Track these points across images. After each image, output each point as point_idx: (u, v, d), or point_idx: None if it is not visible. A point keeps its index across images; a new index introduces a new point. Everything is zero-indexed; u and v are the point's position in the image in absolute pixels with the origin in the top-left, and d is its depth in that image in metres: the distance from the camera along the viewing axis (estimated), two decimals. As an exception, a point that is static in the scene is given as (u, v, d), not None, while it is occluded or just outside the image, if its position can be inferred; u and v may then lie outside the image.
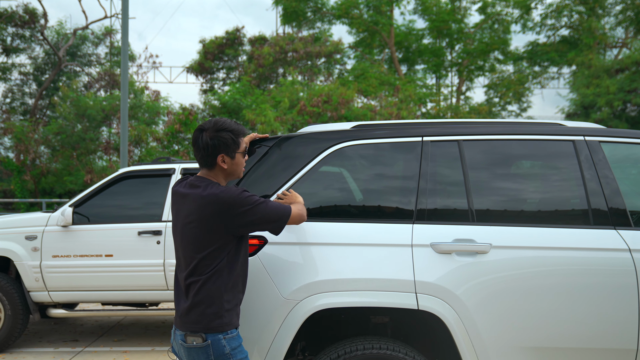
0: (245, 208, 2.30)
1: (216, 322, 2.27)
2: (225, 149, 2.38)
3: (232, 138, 2.39)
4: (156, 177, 5.50)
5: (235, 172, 2.46)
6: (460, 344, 2.64)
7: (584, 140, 2.93)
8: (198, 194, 2.33)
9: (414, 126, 3.00)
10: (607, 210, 2.79)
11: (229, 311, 2.31)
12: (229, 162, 2.41)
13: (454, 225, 2.75)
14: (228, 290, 2.32)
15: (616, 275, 2.68)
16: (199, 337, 2.26)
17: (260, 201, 2.35)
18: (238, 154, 2.42)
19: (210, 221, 2.29)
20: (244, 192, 2.33)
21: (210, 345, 2.26)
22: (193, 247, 2.32)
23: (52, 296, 5.23)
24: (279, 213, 2.40)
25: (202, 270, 2.30)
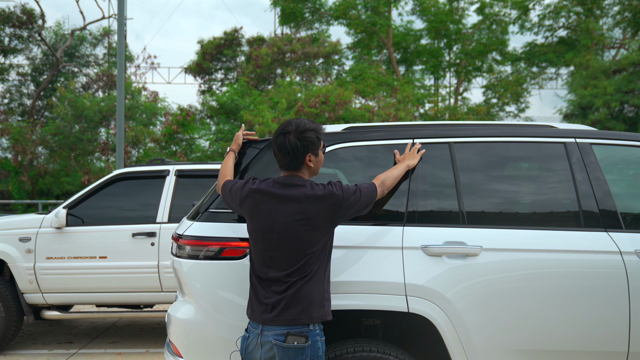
0: (351, 200, 2.41)
1: (320, 311, 2.35)
2: (312, 148, 2.45)
3: (317, 137, 2.46)
4: (150, 178, 5.49)
5: (318, 169, 2.54)
6: (451, 347, 2.63)
7: (575, 142, 2.92)
8: (304, 192, 2.37)
9: (405, 128, 3.00)
10: (598, 213, 2.78)
11: (328, 301, 2.42)
12: (314, 160, 2.48)
13: (445, 227, 2.75)
14: (327, 282, 2.43)
15: (607, 277, 2.67)
16: (303, 337, 2.31)
17: (357, 189, 2.46)
18: (320, 151, 2.51)
19: (322, 218, 2.36)
20: (343, 185, 2.44)
21: (309, 347, 2.31)
22: (300, 245, 2.35)
23: (46, 298, 5.22)
24: (372, 196, 2.52)
25: (309, 267, 2.36)
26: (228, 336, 2.66)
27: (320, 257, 2.39)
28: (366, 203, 2.49)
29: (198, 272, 2.74)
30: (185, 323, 2.78)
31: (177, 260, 2.85)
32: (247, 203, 2.46)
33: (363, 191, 2.48)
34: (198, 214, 2.88)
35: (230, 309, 2.67)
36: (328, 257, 2.44)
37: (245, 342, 2.41)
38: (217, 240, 2.72)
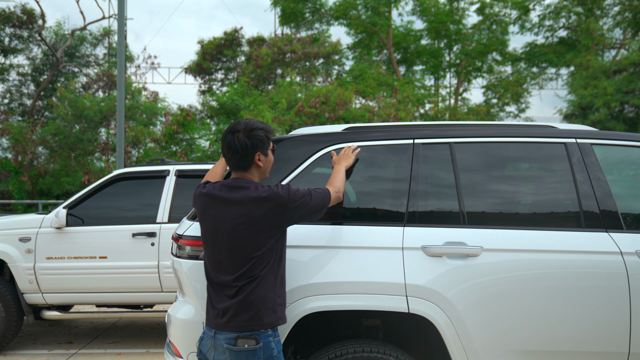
0: (298, 202, 2.38)
1: (271, 316, 2.33)
2: (261, 147, 2.43)
3: (266, 136, 2.45)
4: (150, 178, 5.48)
5: (268, 170, 2.53)
6: (451, 347, 2.63)
7: (576, 142, 2.92)
8: (247, 195, 2.34)
9: (405, 128, 3.00)
10: (599, 213, 2.78)
11: (281, 306, 2.40)
12: (264, 160, 2.46)
13: (445, 228, 2.74)
14: (278, 286, 2.40)
15: (608, 278, 2.67)
16: (253, 340, 2.30)
17: (307, 193, 2.43)
18: (270, 151, 2.50)
19: (266, 221, 2.33)
20: (291, 187, 2.41)
21: (261, 348, 2.30)
22: (245, 248, 2.34)
23: (46, 298, 5.21)
24: (322, 202, 2.48)
25: (256, 271, 2.33)
26: (228, 336, 2.65)
27: (268, 260, 2.35)
28: (317, 207, 2.45)
29: (198, 272, 2.73)
30: (185, 323, 2.77)
31: (177, 260, 2.85)
32: (197, 207, 2.50)
33: (314, 195, 2.44)
34: None
35: (230, 309, 2.67)
36: (279, 260, 2.40)
37: (200, 343, 2.43)
38: (217, 240, 2.71)
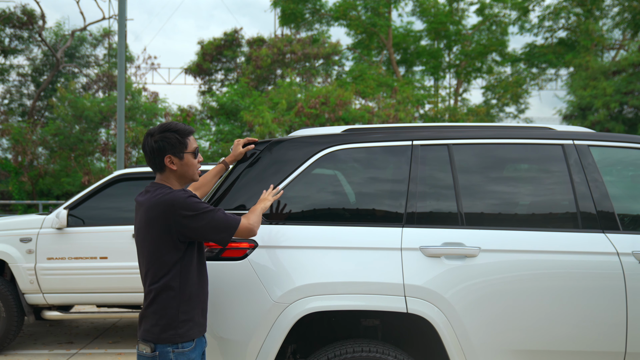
0: (191, 213, 2.25)
1: (169, 333, 2.25)
2: (171, 149, 2.35)
3: (177, 138, 2.36)
4: (151, 179, 5.50)
5: (187, 174, 2.41)
6: (449, 347, 2.65)
7: (573, 144, 2.95)
8: (147, 198, 2.32)
9: (403, 130, 3.02)
10: (596, 214, 2.81)
11: (185, 322, 2.28)
12: (178, 163, 2.37)
13: (444, 228, 2.77)
14: (184, 302, 2.28)
15: (604, 278, 2.70)
16: (148, 347, 2.25)
17: (208, 209, 2.29)
18: (187, 154, 2.38)
19: (157, 225, 2.25)
20: (191, 197, 2.28)
21: (157, 357, 2.24)
22: (146, 254, 2.30)
23: (46, 298, 5.24)
24: (226, 224, 2.32)
25: (154, 279, 2.27)
26: (227, 336, 2.68)
27: (169, 271, 2.26)
28: (218, 227, 2.30)
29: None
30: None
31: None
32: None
33: (220, 215, 2.31)
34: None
35: (230, 309, 2.69)
36: (186, 275, 2.29)
37: None
38: (217, 241, 2.74)
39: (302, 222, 2.81)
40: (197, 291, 2.34)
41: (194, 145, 2.42)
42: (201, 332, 2.37)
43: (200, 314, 2.36)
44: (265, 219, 2.80)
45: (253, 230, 2.44)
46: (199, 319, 2.36)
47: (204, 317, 2.40)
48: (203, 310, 2.39)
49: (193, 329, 2.31)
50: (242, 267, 2.69)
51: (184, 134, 2.38)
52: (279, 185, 2.84)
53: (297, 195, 2.86)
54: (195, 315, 2.33)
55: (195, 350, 2.31)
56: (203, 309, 2.39)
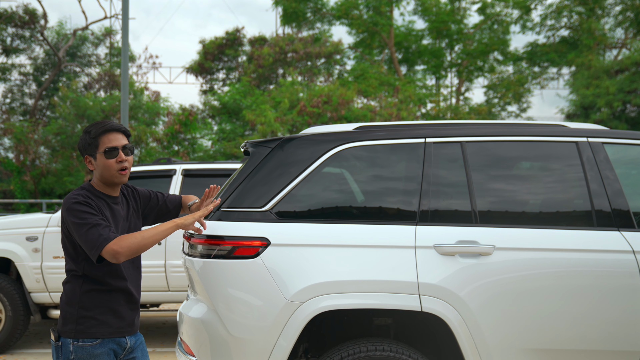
0: (72, 220, 2.22)
1: (68, 326, 2.27)
2: (85, 150, 2.34)
3: (88, 139, 2.31)
4: (157, 178, 5.49)
5: (104, 175, 2.32)
6: (464, 346, 2.63)
7: (587, 141, 2.93)
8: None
9: (416, 127, 3.00)
10: (611, 212, 2.79)
11: (86, 319, 2.26)
12: (95, 164, 2.33)
13: (457, 226, 2.75)
14: (87, 298, 2.28)
15: (619, 276, 2.68)
16: (53, 336, 2.29)
17: (84, 222, 2.19)
18: (99, 155, 2.30)
19: (63, 224, 2.31)
20: (76, 204, 2.22)
21: (60, 347, 2.26)
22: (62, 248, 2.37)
23: (53, 297, 5.22)
24: (92, 244, 2.18)
25: (66, 272, 2.35)
26: (240, 335, 2.66)
27: (72, 265, 2.29)
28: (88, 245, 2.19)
29: (210, 271, 2.74)
30: (197, 322, 2.78)
31: (189, 259, 2.86)
32: None
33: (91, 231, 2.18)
34: (210, 213, 2.88)
35: (243, 308, 2.68)
36: (90, 272, 2.29)
37: None
38: (229, 239, 2.72)
39: (315, 220, 2.79)
40: (112, 290, 2.34)
41: (109, 144, 2.30)
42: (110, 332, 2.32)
43: (114, 315, 2.33)
44: (277, 217, 2.78)
45: (117, 256, 2.19)
46: (113, 320, 2.33)
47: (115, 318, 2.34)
48: (117, 313, 2.34)
49: (99, 328, 2.29)
50: (255, 265, 2.68)
51: (95, 134, 2.30)
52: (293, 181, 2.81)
53: (310, 193, 2.84)
54: (107, 314, 2.31)
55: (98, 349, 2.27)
56: (118, 311, 2.34)
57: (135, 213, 2.55)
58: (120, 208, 2.44)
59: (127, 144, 2.36)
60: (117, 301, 2.35)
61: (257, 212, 2.79)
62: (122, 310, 2.36)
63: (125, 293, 2.38)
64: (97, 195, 2.34)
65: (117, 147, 2.32)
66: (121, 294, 2.37)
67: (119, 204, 2.44)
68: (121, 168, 2.33)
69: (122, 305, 2.37)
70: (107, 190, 2.39)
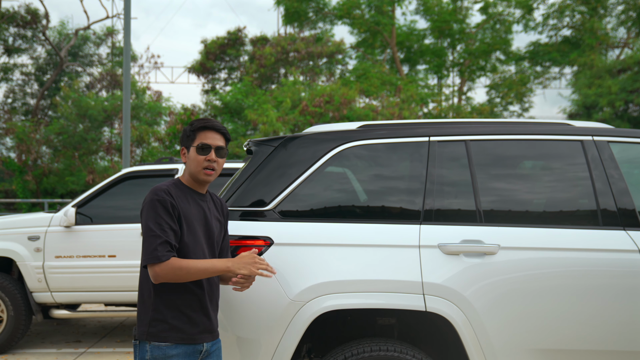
0: (145, 213, 2.21)
1: (142, 328, 2.23)
2: (183, 142, 2.38)
3: (187, 131, 2.35)
4: (159, 177, 5.47)
5: (190, 169, 2.32)
6: (469, 346, 2.61)
7: (592, 140, 2.90)
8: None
9: (420, 126, 2.98)
10: (616, 211, 2.77)
11: (158, 322, 2.20)
12: (187, 156, 2.35)
13: (462, 226, 2.73)
14: (160, 300, 2.21)
15: (626, 276, 2.65)
16: (134, 335, 2.28)
17: (151, 226, 2.16)
18: (192, 148, 2.32)
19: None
20: (156, 202, 2.18)
21: (137, 346, 2.24)
22: None
23: (54, 297, 5.21)
24: (145, 252, 2.16)
25: (142, 268, 2.26)
26: (244, 335, 2.65)
27: (143, 272, 2.26)
28: (144, 249, 2.18)
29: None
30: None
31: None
32: None
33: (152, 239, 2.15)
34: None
35: (246, 308, 2.66)
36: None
37: None
38: (232, 238, 2.70)
39: (318, 219, 2.77)
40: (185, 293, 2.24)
41: (203, 140, 2.30)
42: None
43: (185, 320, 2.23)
44: (280, 216, 2.76)
45: (157, 279, 2.16)
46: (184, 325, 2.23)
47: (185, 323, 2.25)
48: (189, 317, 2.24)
49: (170, 333, 2.20)
50: (258, 264, 2.65)
51: (196, 128, 2.34)
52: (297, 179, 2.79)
53: (313, 192, 2.82)
54: (168, 318, 2.21)
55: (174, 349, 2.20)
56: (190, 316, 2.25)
57: (218, 224, 2.43)
58: (205, 207, 2.37)
59: (222, 146, 2.36)
60: (191, 306, 2.25)
61: (260, 211, 2.77)
62: (196, 317, 2.26)
63: (200, 298, 2.28)
64: (182, 189, 2.31)
65: (210, 145, 2.32)
66: (196, 298, 2.26)
67: (205, 202, 2.39)
68: (208, 167, 2.31)
69: (196, 312, 2.26)
70: (195, 186, 2.36)
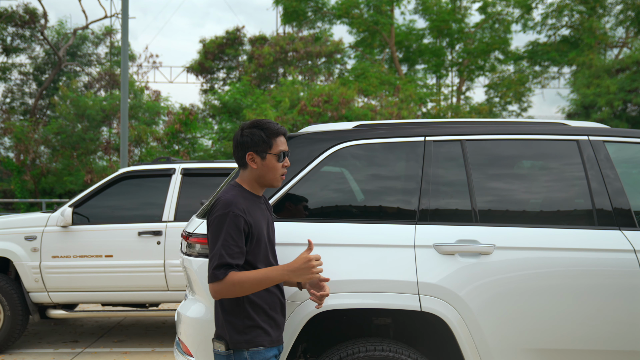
0: (211, 228, 2.19)
1: (236, 337, 2.20)
2: (253, 146, 2.28)
3: (263, 136, 2.28)
4: (156, 177, 5.47)
5: (267, 176, 2.31)
6: (464, 346, 2.61)
7: (588, 140, 2.90)
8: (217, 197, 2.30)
9: (416, 126, 2.98)
10: (612, 211, 2.76)
11: (252, 328, 2.21)
12: (259, 163, 2.29)
13: (457, 225, 2.73)
14: (251, 306, 2.21)
15: (621, 276, 2.65)
16: (223, 345, 2.21)
17: (219, 241, 2.14)
18: (270, 155, 2.29)
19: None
20: (232, 216, 2.15)
21: (232, 356, 2.21)
22: None
23: (51, 297, 5.20)
24: (210, 268, 2.17)
25: None
26: (239, 335, 2.64)
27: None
28: (210, 256, 2.19)
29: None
30: (195, 322, 2.76)
31: (187, 258, 2.84)
32: None
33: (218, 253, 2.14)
34: None
35: (241, 307, 2.65)
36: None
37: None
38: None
39: (313, 219, 2.77)
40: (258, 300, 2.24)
41: (281, 147, 2.30)
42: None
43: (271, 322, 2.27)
44: (276, 216, 2.76)
45: (215, 295, 2.18)
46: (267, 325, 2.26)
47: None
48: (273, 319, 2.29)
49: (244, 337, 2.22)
50: (253, 264, 2.65)
51: (271, 133, 2.29)
52: (292, 180, 2.79)
53: (308, 192, 2.82)
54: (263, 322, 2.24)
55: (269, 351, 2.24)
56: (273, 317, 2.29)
57: (271, 226, 2.44)
58: (264, 209, 2.39)
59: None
60: (275, 309, 2.28)
61: (256, 211, 2.76)
62: (278, 319, 2.30)
63: (280, 299, 2.32)
64: (247, 198, 2.29)
65: (286, 151, 2.34)
66: (277, 300, 2.30)
67: (262, 204, 2.40)
68: (284, 173, 2.34)
69: (278, 313, 2.30)
70: (257, 191, 2.36)
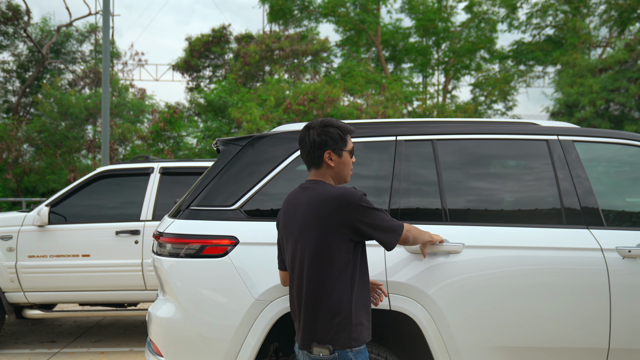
0: (364, 206, 2.18)
1: (343, 336, 2.15)
2: (332, 144, 2.29)
3: (339, 134, 2.30)
4: (134, 176, 5.44)
5: (343, 173, 2.34)
6: (433, 344, 2.63)
7: (558, 139, 2.93)
8: (316, 194, 2.21)
9: (388, 125, 2.99)
10: (580, 210, 2.79)
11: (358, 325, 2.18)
12: (336, 161, 2.31)
13: (427, 225, 2.74)
14: (355, 303, 2.18)
15: (588, 274, 2.68)
16: (327, 349, 2.14)
17: (378, 208, 2.25)
18: (345, 152, 2.32)
19: (333, 221, 2.16)
20: (364, 196, 2.22)
21: (337, 358, 2.15)
22: (313, 252, 2.18)
23: (28, 297, 5.15)
24: (394, 226, 2.25)
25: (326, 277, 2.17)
26: (208, 335, 2.64)
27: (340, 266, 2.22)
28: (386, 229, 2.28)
29: (179, 270, 2.71)
30: (165, 322, 2.75)
31: (158, 258, 2.83)
32: (284, 213, 2.37)
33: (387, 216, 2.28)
34: (179, 212, 2.85)
35: (211, 307, 2.65)
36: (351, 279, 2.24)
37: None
38: (198, 238, 2.70)
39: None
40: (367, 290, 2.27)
41: (352, 145, 2.36)
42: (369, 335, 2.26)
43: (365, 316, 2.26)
44: (247, 215, 2.75)
45: (408, 242, 2.37)
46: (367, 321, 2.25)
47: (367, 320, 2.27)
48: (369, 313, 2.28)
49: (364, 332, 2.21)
50: (223, 264, 2.65)
51: (345, 131, 2.33)
52: (263, 179, 2.79)
53: (280, 191, 2.81)
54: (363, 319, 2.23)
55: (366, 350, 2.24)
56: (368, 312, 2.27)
57: None
58: None
59: None
60: (368, 302, 2.28)
61: (226, 210, 2.76)
62: (370, 311, 2.30)
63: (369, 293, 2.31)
64: None
65: (354, 149, 2.42)
66: (368, 294, 2.29)
67: None
68: (352, 169, 2.40)
69: (370, 307, 2.29)
70: None
